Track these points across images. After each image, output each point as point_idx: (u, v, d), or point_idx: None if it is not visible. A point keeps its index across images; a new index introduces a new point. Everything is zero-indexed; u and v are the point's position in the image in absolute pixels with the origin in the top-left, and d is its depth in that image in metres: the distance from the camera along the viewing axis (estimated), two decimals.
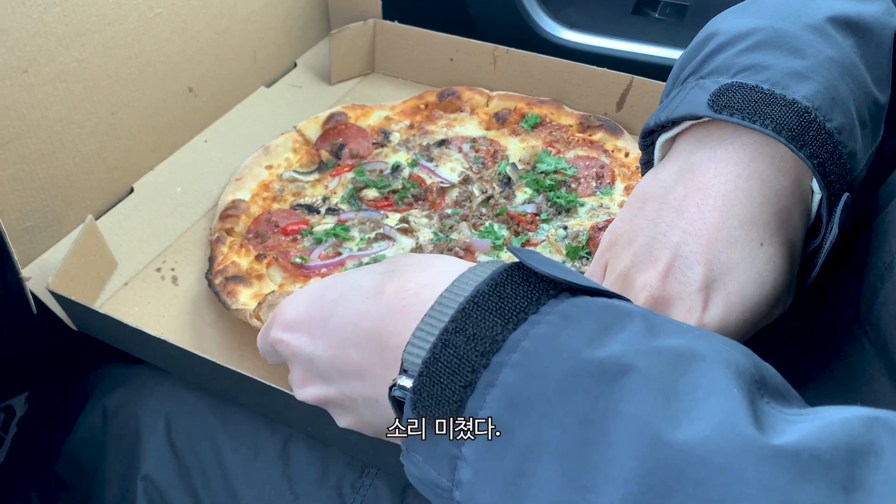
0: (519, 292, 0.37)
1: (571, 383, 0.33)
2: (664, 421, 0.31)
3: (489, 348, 0.35)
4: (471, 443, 0.35)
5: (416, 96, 1.02)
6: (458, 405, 0.35)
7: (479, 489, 0.35)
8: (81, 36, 0.75)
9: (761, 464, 0.29)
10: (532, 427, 0.33)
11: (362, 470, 0.66)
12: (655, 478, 0.30)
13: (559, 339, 0.35)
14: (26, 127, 0.71)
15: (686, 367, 0.33)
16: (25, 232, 0.74)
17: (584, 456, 0.32)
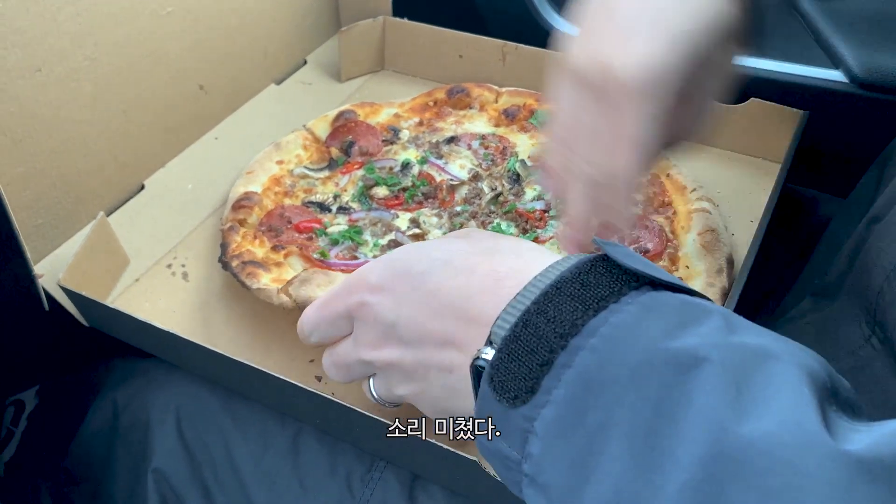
0: (601, 282, 0.39)
1: (646, 370, 0.35)
2: (733, 412, 0.32)
3: (568, 331, 0.37)
4: (542, 419, 0.36)
5: (425, 93, 1.02)
6: (534, 381, 0.37)
7: (547, 463, 0.36)
8: (93, 35, 0.75)
9: (825, 461, 0.30)
10: (604, 409, 0.35)
11: (371, 463, 0.66)
12: (719, 464, 0.31)
13: (638, 328, 0.36)
14: (39, 125, 0.72)
15: (760, 364, 0.34)
16: (37, 229, 0.75)
17: (652, 439, 0.33)
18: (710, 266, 0.75)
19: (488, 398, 0.39)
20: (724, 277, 0.73)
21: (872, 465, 0.30)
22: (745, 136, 0.93)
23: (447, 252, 0.48)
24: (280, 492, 0.66)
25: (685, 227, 0.80)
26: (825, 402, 0.34)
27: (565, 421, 0.36)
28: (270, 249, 0.78)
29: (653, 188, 0.85)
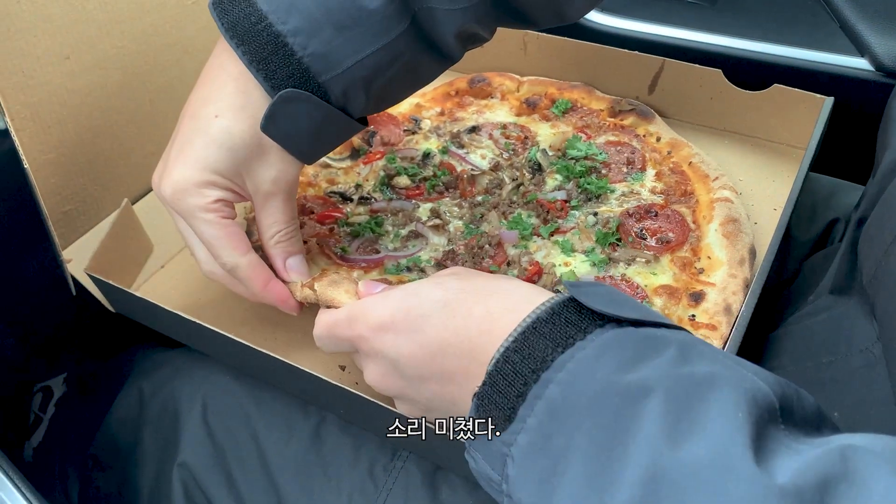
0: (571, 321, 0.45)
1: (602, 400, 0.40)
2: (670, 439, 0.37)
3: (540, 366, 0.43)
4: (517, 444, 0.42)
5: (447, 83, 1.02)
6: (511, 411, 0.43)
7: (520, 483, 0.42)
8: (121, 23, 0.76)
9: (741, 483, 0.34)
10: (566, 435, 0.40)
11: (394, 453, 0.66)
12: (655, 486, 0.36)
13: (598, 363, 0.42)
14: (67, 112, 0.73)
15: (703, 393, 0.38)
16: (65, 215, 0.76)
17: (604, 462, 0.38)
18: (732, 257, 0.74)
19: None
20: (745, 268, 0.73)
21: (784, 490, 0.34)
22: (769, 123, 0.93)
23: (440, 293, 0.52)
24: (304, 480, 0.67)
25: (707, 217, 0.79)
26: (768, 424, 0.38)
27: (535, 445, 0.41)
28: None
29: (675, 177, 0.85)
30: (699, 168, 0.85)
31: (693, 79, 0.94)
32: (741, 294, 0.71)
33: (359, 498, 0.65)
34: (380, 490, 0.65)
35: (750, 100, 0.91)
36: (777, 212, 0.80)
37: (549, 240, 0.79)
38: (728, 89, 0.93)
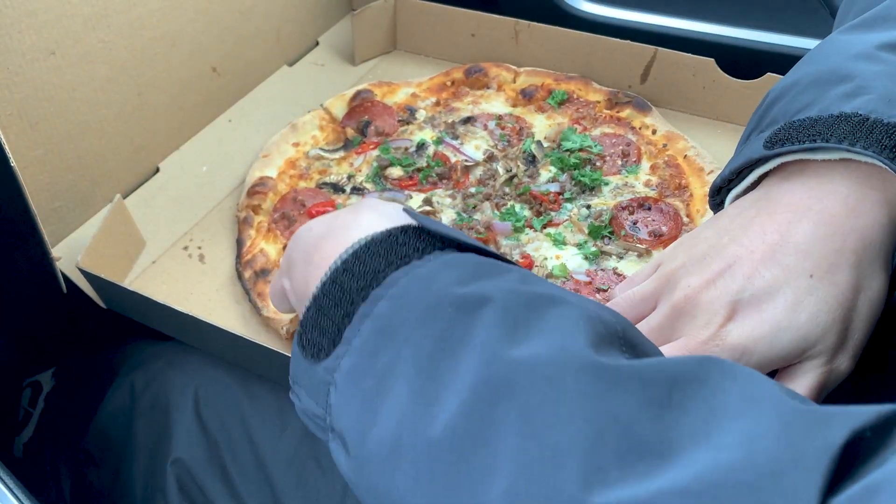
0: (409, 242, 0.41)
1: (434, 312, 0.36)
2: (506, 342, 0.34)
3: (370, 283, 0.39)
4: (341, 369, 0.38)
5: (443, 73, 1.02)
6: (336, 334, 0.39)
7: (342, 410, 0.38)
8: (107, 17, 0.75)
9: (582, 374, 0.32)
10: (393, 351, 0.36)
11: None
12: (488, 387, 0.33)
13: (434, 278, 0.38)
14: (54, 108, 0.72)
15: (543, 306, 0.36)
16: (54, 212, 0.75)
17: (433, 374, 0.34)
18: None
19: (297, 357, 0.41)
20: None
21: (630, 378, 0.32)
22: None
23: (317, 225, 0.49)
24: (298, 472, 0.67)
25: (701, 211, 0.79)
26: (608, 340, 0.35)
27: (359, 367, 0.37)
28: (282, 249, 0.79)
29: (670, 170, 0.85)
30: (694, 161, 0.85)
31: (686, 68, 0.94)
32: None
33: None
34: None
35: (743, 88, 0.91)
36: None
37: (541, 232, 0.79)
38: (721, 78, 0.92)
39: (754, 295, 0.45)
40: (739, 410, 0.30)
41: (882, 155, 0.44)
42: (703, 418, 0.30)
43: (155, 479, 0.70)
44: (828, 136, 0.46)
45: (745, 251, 0.47)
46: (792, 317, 0.44)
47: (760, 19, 0.99)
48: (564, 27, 1.00)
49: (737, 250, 0.47)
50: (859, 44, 0.53)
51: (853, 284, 0.45)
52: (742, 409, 0.30)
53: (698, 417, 0.30)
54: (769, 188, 0.50)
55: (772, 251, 0.46)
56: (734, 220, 0.49)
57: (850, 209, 0.46)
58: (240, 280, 0.77)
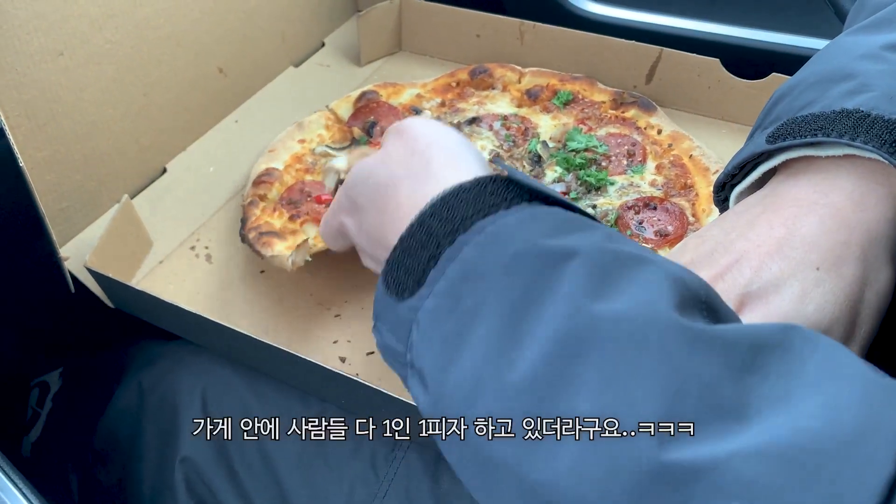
0: (497, 192, 0.41)
1: (521, 261, 0.37)
2: (591, 295, 0.34)
3: (457, 227, 0.39)
4: (424, 308, 0.39)
5: (448, 74, 1.02)
6: (422, 275, 0.39)
7: (423, 348, 0.39)
8: (114, 18, 0.75)
9: (665, 333, 0.32)
10: (478, 295, 0.37)
11: (394, 443, 0.66)
12: (570, 338, 0.33)
13: (520, 228, 0.38)
14: (62, 109, 0.72)
15: (630, 264, 0.36)
16: (62, 212, 0.75)
17: (515, 320, 0.35)
18: None
19: (381, 295, 0.42)
20: None
21: (712, 341, 0.32)
22: None
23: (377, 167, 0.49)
24: (305, 471, 0.67)
25: (707, 210, 0.79)
26: (691, 304, 0.35)
27: (443, 308, 0.38)
28: (287, 220, 0.79)
29: (675, 170, 0.85)
30: (700, 161, 0.85)
31: (691, 68, 0.94)
32: None
33: (360, 489, 0.65)
34: (381, 480, 0.65)
35: (748, 88, 0.91)
36: None
37: None
38: (726, 78, 0.92)
39: (762, 287, 0.45)
40: (821, 378, 0.30)
41: (882, 150, 0.45)
42: (784, 384, 0.30)
43: (163, 478, 0.70)
44: (829, 130, 0.46)
45: (753, 245, 0.47)
46: (799, 308, 0.45)
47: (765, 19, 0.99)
48: (569, 28, 1.00)
49: (744, 245, 0.47)
50: (865, 45, 0.53)
51: (860, 277, 0.45)
52: (823, 377, 0.30)
53: (779, 383, 0.30)
54: (775, 186, 0.51)
55: (779, 245, 0.46)
56: (741, 217, 0.50)
57: (856, 203, 0.46)
58: (242, 241, 0.77)
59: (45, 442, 0.86)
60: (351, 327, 0.73)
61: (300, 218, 0.78)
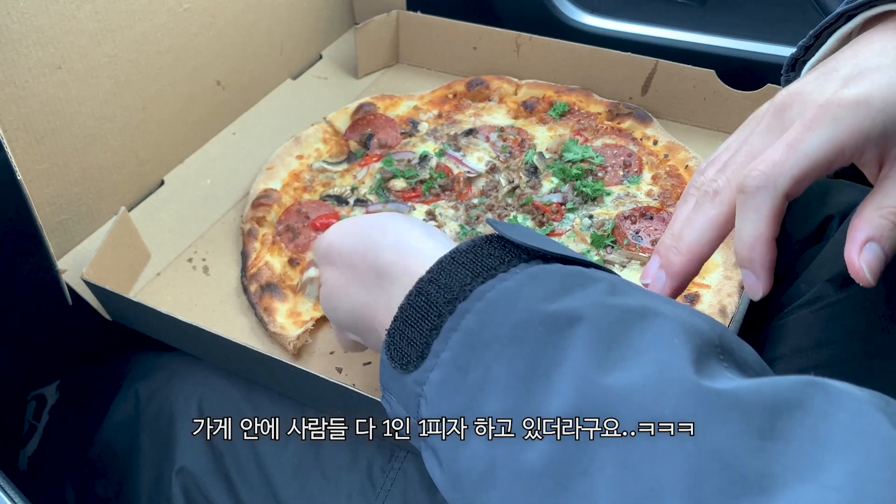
0: (493, 254, 0.41)
1: (524, 329, 0.36)
2: (600, 366, 0.33)
3: (456, 296, 0.39)
4: (430, 382, 0.38)
5: (445, 86, 1.02)
6: (425, 346, 0.39)
7: (433, 425, 0.38)
8: (112, 32, 0.76)
9: (680, 403, 0.31)
10: (484, 366, 0.36)
11: (391, 453, 0.66)
12: (582, 420, 0.32)
13: (521, 293, 0.38)
14: (60, 122, 0.73)
15: (637, 321, 0.35)
16: (60, 225, 0.76)
17: (525, 394, 0.34)
18: (728, 258, 0.74)
19: (386, 366, 0.42)
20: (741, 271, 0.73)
21: (731, 406, 0.30)
22: None
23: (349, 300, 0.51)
24: (303, 483, 0.67)
25: None
26: (707, 353, 0.34)
27: (449, 381, 0.37)
28: (287, 263, 0.79)
29: (671, 180, 0.85)
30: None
31: (686, 79, 0.94)
32: (735, 296, 0.71)
33: (357, 499, 0.65)
34: (378, 491, 0.65)
35: (744, 100, 0.91)
36: None
37: None
38: (721, 89, 0.93)
39: (867, 69, 0.44)
40: (846, 443, 0.29)
41: None
42: (807, 450, 0.29)
43: (160, 489, 0.70)
44: None
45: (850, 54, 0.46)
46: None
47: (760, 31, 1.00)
48: (565, 40, 1.00)
49: (844, 64, 0.46)
50: None
51: None
52: (849, 442, 0.29)
53: (802, 449, 0.29)
54: (851, 43, 0.49)
55: (871, 52, 0.46)
56: (831, 59, 0.48)
57: None
58: (245, 293, 0.77)
59: (42, 455, 0.86)
60: None
61: (298, 264, 0.79)
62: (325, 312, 0.55)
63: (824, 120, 0.43)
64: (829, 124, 0.43)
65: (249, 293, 0.76)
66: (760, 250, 0.44)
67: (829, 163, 0.43)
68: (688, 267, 0.48)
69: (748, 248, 0.45)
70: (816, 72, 0.47)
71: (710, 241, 0.47)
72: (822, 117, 0.43)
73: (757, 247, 0.44)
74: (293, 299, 0.75)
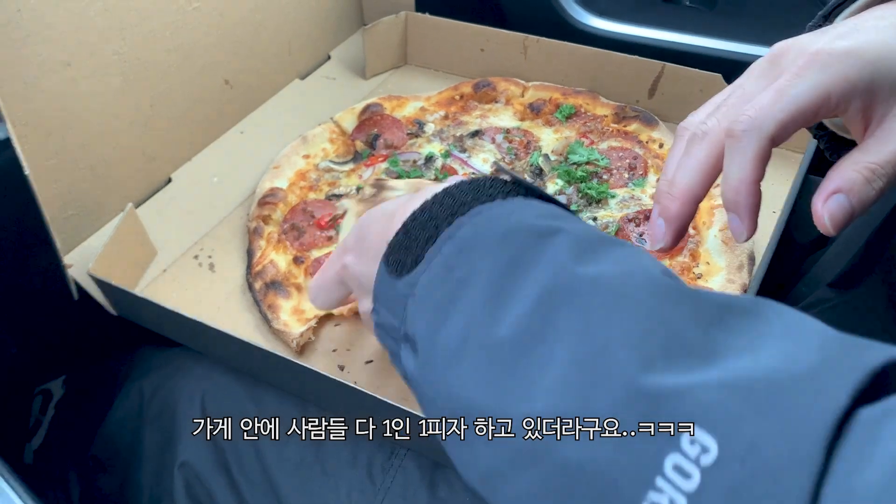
0: (496, 186, 0.45)
1: (512, 235, 0.40)
2: (574, 260, 0.37)
3: (457, 211, 0.43)
4: (420, 284, 0.41)
5: (452, 87, 1.03)
6: (420, 252, 0.42)
7: (416, 316, 0.41)
8: (122, 29, 0.77)
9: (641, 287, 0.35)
10: (469, 265, 0.40)
11: (391, 451, 0.67)
12: (552, 294, 0.36)
13: (515, 212, 0.42)
14: (68, 118, 0.73)
15: (614, 244, 0.39)
16: (67, 220, 0.76)
17: (502, 284, 0.38)
18: (731, 262, 0.74)
19: (382, 276, 0.45)
20: (744, 274, 0.73)
21: (686, 294, 0.34)
22: None
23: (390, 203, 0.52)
24: (303, 479, 0.67)
25: (707, 223, 0.79)
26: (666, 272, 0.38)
27: (437, 279, 0.41)
28: (292, 261, 0.79)
29: None
30: None
31: (693, 83, 0.94)
32: None
33: (358, 496, 0.66)
34: (378, 488, 0.65)
35: None
36: (776, 214, 0.80)
37: None
38: None
39: (864, 27, 0.46)
40: (783, 334, 0.32)
41: None
42: (747, 339, 0.32)
43: (162, 484, 0.71)
44: None
45: (841, 24, 0.48)
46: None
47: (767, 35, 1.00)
48: (572, 42, 1.00)
49: (832, 26, 0.48)
50: None
51: None
52: (786, 333, 0.32)
53: (743, 337, 0.32)
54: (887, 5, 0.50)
55: (870, 16, 0.47)
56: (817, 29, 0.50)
57: None
58: (250, 290, 0.77)
59: (47, 449, 0.87)
60: (350, 336, 0.73)
61: (303, 262, 0.79)
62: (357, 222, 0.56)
63: (813, 67, 0.44)
64: (818, 71, 0.44)
65: (254, 290, 0.77)
66: (745, 193, 0.47)
67: (816, 109, 0.45)
68: (684, 210, 0.50)
69: (734, 192, 0.47)
70: (817, 30, 0.49)
71: (701, 183, 0.49)
72: (812, 64, 0.44)
73: (742, 189, 0.46)
74: (297, 297, 0.76)
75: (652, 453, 0.30)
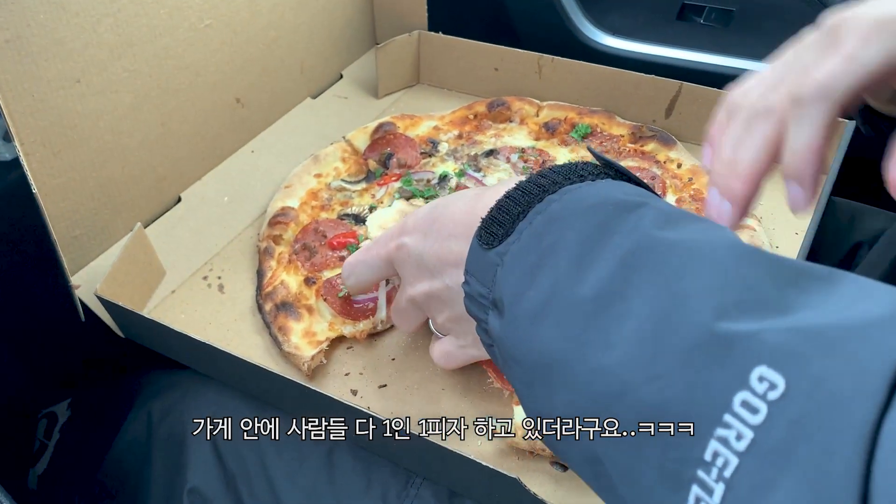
0: (587, 168, 0.46)
1: (598, 207, 0.41)
2: (658, 228, 0.39)
3: (548, 189, 0.45)
4: (510, 253, 0.43)
5: (465, 106, 1.01)
6: (512, 225, 0.44)
7: (505, 281, 0.43)
8: (133, 46, 0.75)
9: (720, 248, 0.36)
10: (557, 233, 0.41)
11: (407, 479, 0.65)
12: (634, 256, 0.38)
13: (603, 190, 0.44)
14: (78, 136, 0.72)
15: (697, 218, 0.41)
16: (75, 240, 0.75)
17: (588, 251, 0.39)
18: None
19: (474, 248, 0.46)
20: None
21: (764, 256, 0.36)
22: None
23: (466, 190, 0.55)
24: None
25: None
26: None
27: (526, 247, 0.43)
28: (303, 282, 0.78)
29: (696, 204, 0.83)
30: None
31: (711, 102, 0.92)
32: None
33: None
34: None
35: None
36: (799, 236, 0.78)
37: None
38: None
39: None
40: (856, 295, 0.32)
41: None
42: (821, 298, 0.33)
43: None
44: None
45: None
46: None
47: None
48: (587, 62, 0.99)
49: None
50: None
51: None
52: (859, 293, 0.33)
53: (817, 296, 0.33)
54: None
55: None
56: None
57: None
58: (260, 312, 0.76)
59: (52, 474, 0.85)
60: (363, 359, 0.71)
61: (315, 283, 0.77)
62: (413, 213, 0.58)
63: (882, 33, 0.44)
64: (888, 37, 0.44)
65: (264, 312, 0.75)
66: (811, 161, 0.46)
67: (885, 75, 0.44)
68: (749, 190, 0.49)
69: (799, 159, 0.46)
70: None
71: (766, 161, 0.48)
72: (878, 31, 0.44)
73: (808, 157, 0.46)
74: (308, 319, 0.74)
75: (722, 391, 0.31)
